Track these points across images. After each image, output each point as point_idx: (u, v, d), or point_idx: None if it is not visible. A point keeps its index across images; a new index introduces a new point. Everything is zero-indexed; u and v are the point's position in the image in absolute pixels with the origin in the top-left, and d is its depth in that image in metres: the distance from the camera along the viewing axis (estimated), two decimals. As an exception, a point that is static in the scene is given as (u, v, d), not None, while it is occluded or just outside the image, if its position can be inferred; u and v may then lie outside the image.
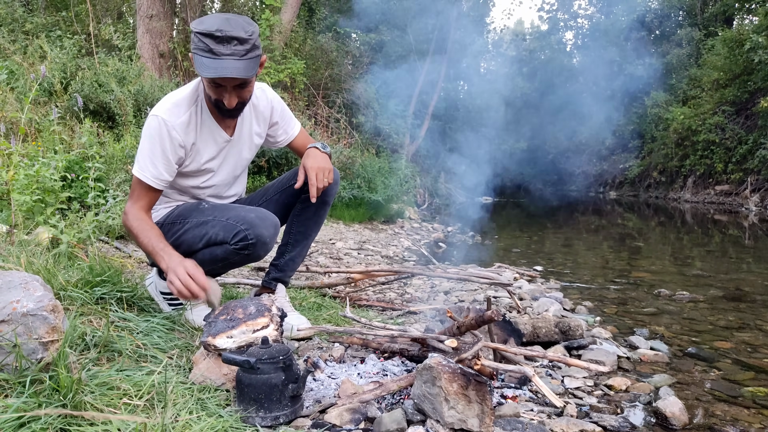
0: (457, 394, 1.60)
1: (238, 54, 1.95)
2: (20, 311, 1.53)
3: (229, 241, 2.18)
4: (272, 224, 2.23)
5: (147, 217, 2.17)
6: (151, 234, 2.10)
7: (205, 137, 2.24)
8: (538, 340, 2.62)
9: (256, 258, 2.28)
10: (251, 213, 2.22)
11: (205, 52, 1.94)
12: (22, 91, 6.36)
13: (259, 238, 2.17)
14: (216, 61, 1.93)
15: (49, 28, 10.07)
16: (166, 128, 2.10)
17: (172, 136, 2.12)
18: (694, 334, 3.13)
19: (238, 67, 1.95)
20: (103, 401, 1.54)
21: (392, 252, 6.10)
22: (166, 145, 2.12)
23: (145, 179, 2.13)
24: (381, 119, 13.89)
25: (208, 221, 2.24)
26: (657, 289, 4.29)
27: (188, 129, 2.17)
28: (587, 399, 2.07)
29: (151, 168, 2.13)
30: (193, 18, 11.50)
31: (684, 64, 22.62)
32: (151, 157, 2.12)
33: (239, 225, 2.17)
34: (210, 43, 1.92)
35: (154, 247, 2.06)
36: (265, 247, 2.22)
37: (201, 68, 1.95)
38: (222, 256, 2.24)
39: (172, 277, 1.93)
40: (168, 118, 2.11)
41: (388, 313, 3.19)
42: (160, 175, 2.14)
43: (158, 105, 2.17)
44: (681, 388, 2.27)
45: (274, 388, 1.63)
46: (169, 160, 2.15)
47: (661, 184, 21.50)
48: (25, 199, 3.19)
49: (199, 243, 2.25)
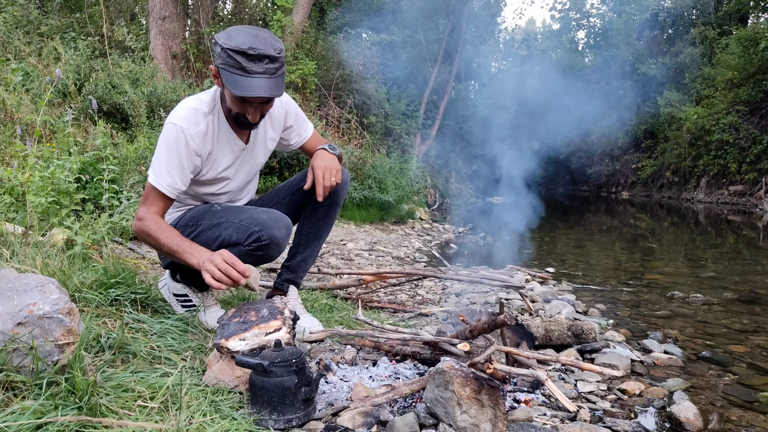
0: (469, 398, 1.60)
1: (270, 72, 1.96)
2: (36, 314, 1.55)
3: (242, 243, 2.18)
4: (285, 225, 2.24)
5: (163, 221, 2.18)
6: (172, 234, 2.09)
7: (222, 146, 2.26)
8: (550, 343, 2.61)
9: (269, 259, 2.29)
10: (264, 214, 2.23)
11: (236, 69, 1.94)
12: (37, 93, 6.43)
13: (272, 239, 2.17)
14: (248, 79, 1.94)
15: (64, 30, 10.16)
16: (184, 137, 2.11)
17: (189, 145, 2.12)
18: (708, 337, 3.11)
19: (270, 85, 1.97)
20: (118, 404, 1.55)
21: (403, 253, 6.10)
22: (182, 154, 2.12)
23: (160, 188, 2.13)
24: (392, 119, 13.90)
25: (221, 223, 2.25)
26: (670, 292, 4.25)
27: (206, 138, 2.18)
28: (600, 403, 2.06)
29: (167, 177, 2.13)
30: (205, 20, 11.57)
31: (697, 63, 22.40)
32: (167, 166, 2.12)
33: (252, 226, 2.17)
34: (242, 61, 1.92)
35: (179, 246, 2.05)
36: (278, 248, 2.23)
37: (233, 86, 1.95)
38: (235, 256, 2.25)
39: (210, 267, 1.91)
40: (186, 126, 2.12)
41: (399, 315, 3.19)
42: (175, 183, 2.15)
43: (176, 112, 2.16)
44: (695, 393, 2.25)
45: (287, 391, 1.63)
46: (185, 169, 2.15)
47: (674, 185, 21.31)
48: (40, 200, 3.22)
49: (213, 245, 2.25)
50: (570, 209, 16.41)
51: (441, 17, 16.54)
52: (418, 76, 16.98)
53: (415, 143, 14.82)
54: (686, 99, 21.61)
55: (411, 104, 15.66)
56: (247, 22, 12.57)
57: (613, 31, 27.76)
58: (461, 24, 16.32)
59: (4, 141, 4.92)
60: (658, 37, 25.67)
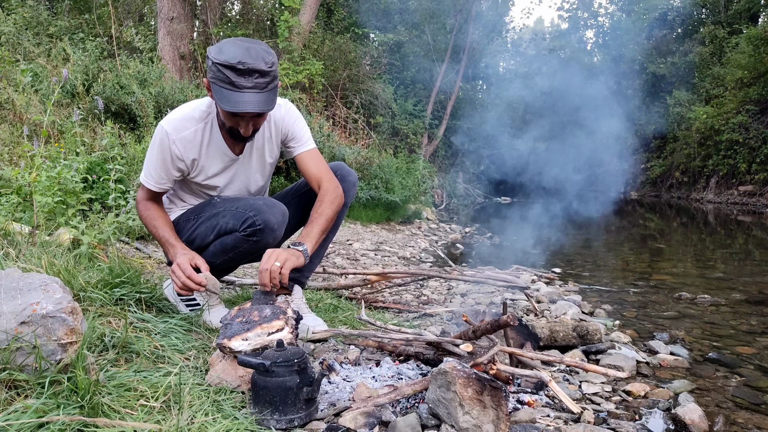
0: (471, 399, 1.59)
1: (260, 87, 1.96)
2: (40, 313, 1.56)
3: (238, 229, 2.22)
4: (280, 211, 2.25)
5: (155, 206, 2.32)
6: (158, 223, 2.26)
7: (212, 154, 2.28)
8: (555, 344, 2.59)
9: (264, 245, 2.23)
10: (259, 201, 2.27)
11: (225, 83, 1.94)
12: (46, 93, 6.47)
13: (266, 223, 2.19)
14: (237, 94, 1.94)
15: (73, 31, 10.23)
16: (167, 140, 2.18)
17: (171, 149, 2.19)
18: (716, 338, 3.08)
19: (259, 100, 1.96)
20: (120, 402, 1.56)
21: (409, 253, 6.09)
22: (166, 156, 2.20)
23: (147, 184, 2.27)
24: (399, 119, 13.89)
25: (219, 212, 2.30)
26: (678, 293, 4.22)
27: (190, 145, 2.21)
28: (605, 405, 2.05)
29: (153, 174, 2.25)
30: (213, 20, 11.60)
31: (707, 62, 22.24)
32: (153, 165, 2.24)
33: (248, 212, 2.21)
34: (231, 75, 1.92)
35: (162, 237, 2.24)
36: (274, 233, 2.24)
37: (221, 101, 1.95)
38: (232, 244, 2.27)
39: (173, 278, 2.10)
40: (171, 131, 2.17)
41: (404, 315, 3.19)
42: (161, 180, 2.26)
43: (169, 115, 2.23)
44: (701, 395, 2.23)
45: (289, 391, 1.63)
46: (169, 170, 2.24)
47: (683, 185, 21.18)
48: (47, 200, 3.24)
49: (211, 235, 2.30)
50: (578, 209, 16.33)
51: (448, 16, 16.53)
52: (426, 76, 16.99)
53: (422, 143, 14.81)
54: (696, 98, 21.46)
55: (418, 104, 15.65)
56: (255, 23, 12.60)
57: (622, 30, 27.60)
58: (469, 23, 16.29)
59: (12, 141, 4.95)
60: (667, 36, 25.49)
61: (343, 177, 2.51)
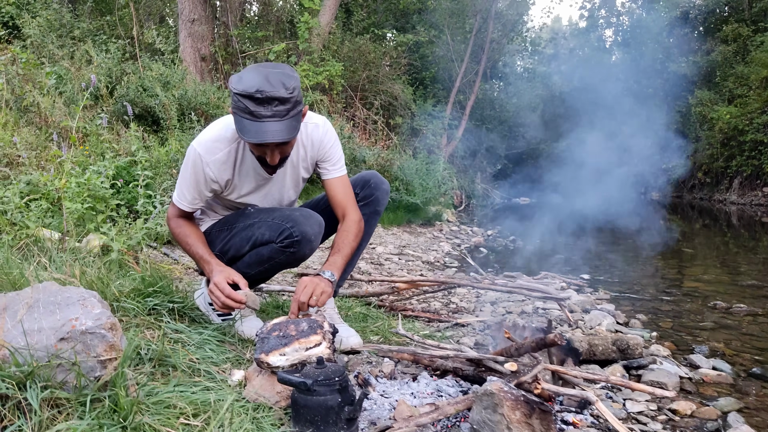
0: (519, 422, 1.54)
1: (280, 115, 1.89)
2: (79, 329, 1.53)
3: (275, 240, 2.19)
4: (317, 222, 2.23)
5: (187, 222, 2.30)
6: (191, 240, 2.24)
7: (245, 174, 2.25)
8: (594, 358, 2.52)
9: (301, 257, 2.26)
10: (296, 212, 2.24)
11: (245, 113, 1.89)
12: (70, 96, 6.50)
13: (303, 235, 2.16)
14: (256, 124, 1.89)
15: (95, 33, 10.29)
16: (201, 163, 2.15)
17: (205, 172, 2.16)
18: (756, 351, 2.98)
19: (280, 129, 1.90)
20: (160, 421, 1.52)
21: (433, 257, 6.03)
22: (199, 178, 2.18)
23: (181, 205, 2.25)
24: (418, 120, 13.83)
25: (254, 223, 2.27)
26: (712, 301, 4.11)
27: (224, 166, 2.18)
28: (651, 425, 1.98)
29: (186, 194, 2.23)
30: (233, 22, 11.63)
31: (730, 61, 21.84)
32: (186, 186, 2.22)
33: (284, 223, 2.18)
34: (250, 105, 1.87)
35: (196, 254, 2.22)
36: (311, 245, 2.22)
37: (242, 131, 1.91)
38: (268, 255, 2.24)
39: (213, 298, 2.09)
40: (204, 154, 2.14)
41: (434, 324, 3.13)
42: (194, 200, 2.25)
43: (201, 135, 2.20)
44: (750, 414, 2.15)
45: (331, 411, 1.59)
46: (202, 191, 2.23)
47: (706, 185, 20.84)
48: (76, 206, 3.24)
49: (246, 245, 2.27)
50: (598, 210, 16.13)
51: (468, 16, 16.42)
52: (445, 76, 16.89)
53: (442, 144, 14.72)
54: (718, 98, 21.09)
55: (437, 105, 15.57)
56: (275, 24, 12.59)
57: (642, 29, 27.23)
58: (489, 23, 16.17)
59: (39, 145, 4.97)
60: (689, 35, 25.09)
61: (377, 186, 2.52)
